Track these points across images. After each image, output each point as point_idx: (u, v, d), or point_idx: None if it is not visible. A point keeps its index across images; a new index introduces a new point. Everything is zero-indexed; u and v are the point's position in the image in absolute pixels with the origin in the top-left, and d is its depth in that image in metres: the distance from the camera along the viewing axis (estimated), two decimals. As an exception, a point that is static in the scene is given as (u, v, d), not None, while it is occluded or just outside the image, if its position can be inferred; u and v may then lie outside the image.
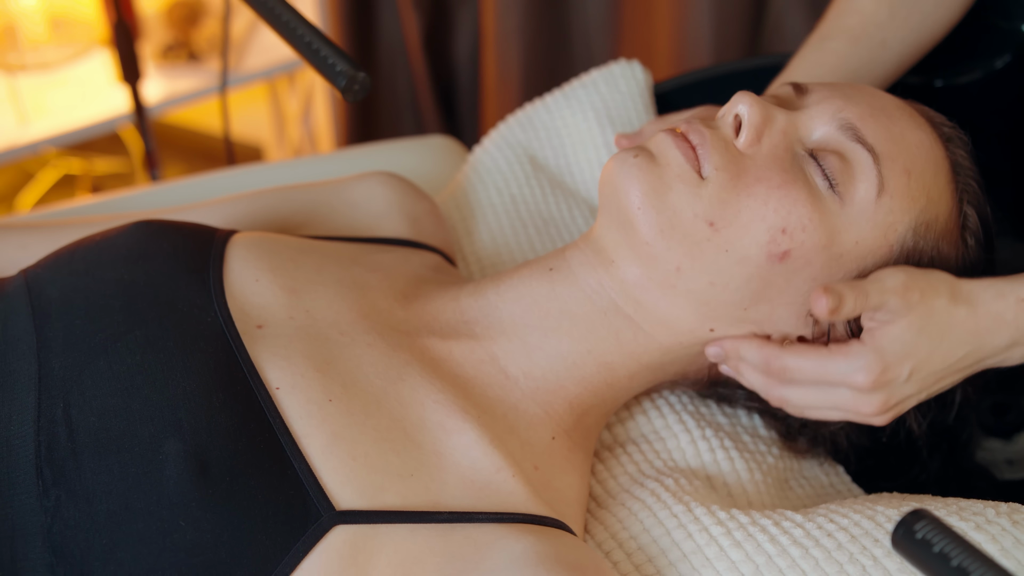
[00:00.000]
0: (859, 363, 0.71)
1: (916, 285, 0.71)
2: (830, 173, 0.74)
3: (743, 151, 0.74)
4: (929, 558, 0.50)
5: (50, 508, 0.63)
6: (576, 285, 0.78)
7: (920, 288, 0.71)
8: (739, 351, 0.76)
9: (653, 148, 0.75)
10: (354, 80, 0.79)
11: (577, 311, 0.78)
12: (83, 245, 0.77)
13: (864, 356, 0.71)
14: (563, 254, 0.80)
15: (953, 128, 0.81)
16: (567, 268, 0.79)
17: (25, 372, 0.68)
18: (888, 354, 0.71)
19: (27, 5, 1.84)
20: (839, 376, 0.72)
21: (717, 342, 0.77)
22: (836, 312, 0.69)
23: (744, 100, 0.74)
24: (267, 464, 0.65)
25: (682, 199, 0.72)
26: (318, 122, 2.12)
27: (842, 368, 0.72)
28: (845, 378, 0.72)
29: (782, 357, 0.74)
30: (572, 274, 0.78)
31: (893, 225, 0.75)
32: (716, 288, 0.74)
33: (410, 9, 1.85)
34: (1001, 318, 0.72)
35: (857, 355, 0.71)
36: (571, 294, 0.78)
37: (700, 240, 0.73)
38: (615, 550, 0.76)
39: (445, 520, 0.67)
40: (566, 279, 0.78)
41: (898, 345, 0.71)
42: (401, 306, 0.80)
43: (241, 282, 0.76)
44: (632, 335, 0.77)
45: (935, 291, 0.72)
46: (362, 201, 0.92)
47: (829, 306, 0.68)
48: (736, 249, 0.72)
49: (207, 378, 0.67)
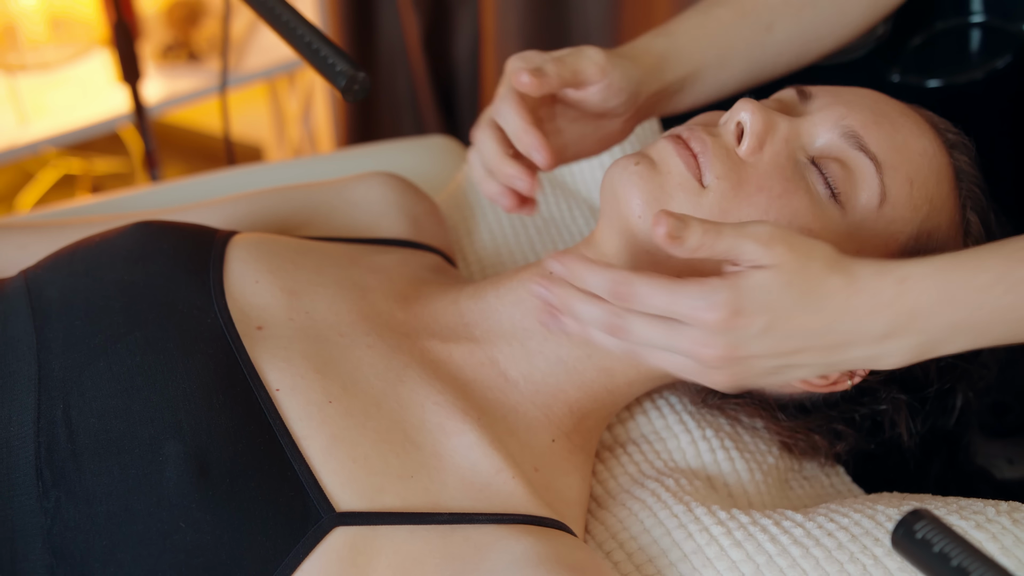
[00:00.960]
0: (712, 297, 0.62)
1: (785, 240, 0.63)
2: (832, 182, 0.73)
3: (744, 159, 0.73)
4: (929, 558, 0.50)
5: (50, 509, 0.63)
6: None
7: (789, 244, 0.63)
8: (580, 273, 0.66)
9: (654, 155, 0.74)
10: (354, 80, 0.79)
11: None
12: (83, 246, 0.77)
13: (719, 291, 0.62)
14: None
15: (957, 134, 0.80)
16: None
17: (25, 373, 0.68)
18: (745, 297, 0.62)
19: (27, 5, 1.84)
20: (688, 308, 0.63)
21: (558, 259, 0.67)
22: (677, 241, 0.62)
23: (746, 108, 0.73)
24: (267, 466, 0.65)
25: (683, 208, 0.72)
26: (318, 122, 2.12)
27: (693, 299, 0.62)
28: (694, 311, 0.63)
29: (631, 281, 0.64)
30: None
31: (895, 234, 0.75)
32: None
33: (410, 9, 1.85)
34: (878, 297, 0.63)
35: (712, 289, 0.62)
36: None
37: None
38: (616, 550, 0.76)
39: (445, 521, 0.67)
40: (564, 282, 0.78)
41: (758, 292, 0.62)
42: (401, 308, 0.80)
43: (241, 283, 0.76)
44: None
45: (809, 253, 0.63)
46: (362, 201, 0.92)
47: (667, 230, 0.61)
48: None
49: (207, 380, 0.67)
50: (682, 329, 0.64)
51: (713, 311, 0.62)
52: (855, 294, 0.63)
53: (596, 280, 0.65)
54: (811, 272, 0.63)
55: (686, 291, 0.63)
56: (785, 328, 0.64)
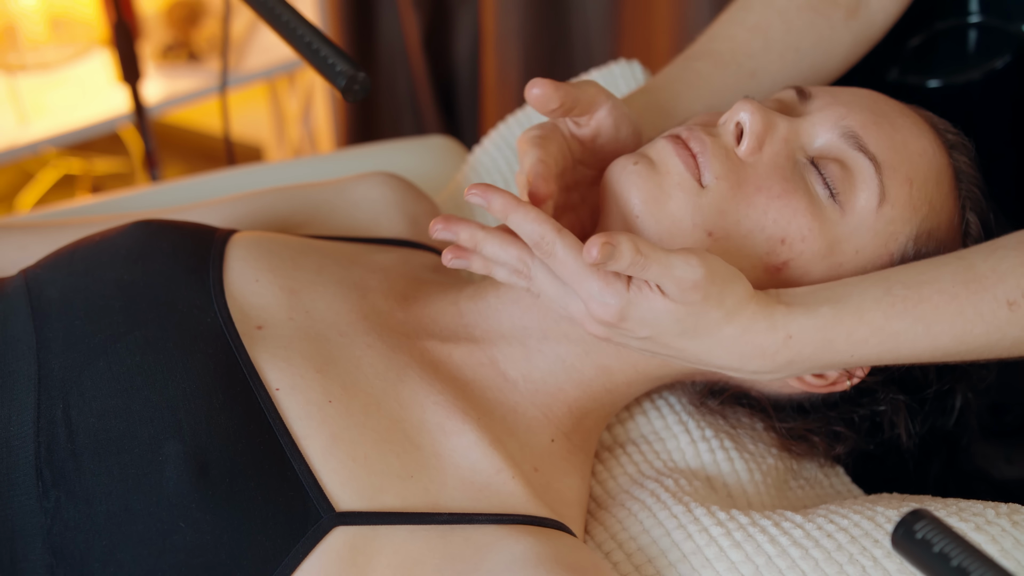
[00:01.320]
0: (608, 299, 0.66)
1: (702, 287, 0.66)
2: (831, 182, 0.73)
3: (744, 159, 0.73)
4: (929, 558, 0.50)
5: (50, 509, 0.63)
6: None
7: (704, 291, 0.66)
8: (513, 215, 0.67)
9: (653, 155, 0.74)
10: (354, 80, 0.79)
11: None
12: (82, 245, 0.77)
13: (616, 298, 0.66)
14: None
15: (957, 134, 0.81)
16: None
17: (25, 373, 0.68)
18: (635, 313, 0.67)
19: (27, 5, 1.84)
20: (584, 293, 0.67)
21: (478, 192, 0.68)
22: (605, 264, 0.64)
23: (746, 107, 0.73)
24: (267, 465, 0.65)
25: (682, 208, 0.72)
26: (318, 122, 2.12)
27: (592, 290, 0.66)
28: (587, 298, 0.67)
29: (555, 243, 0.66)
30: None
31: (894, 235, 0.75)
32: None
33: (410, 9, 1.85)
34: (763, 351, 0.69)
35: (612, 293, 0.66)
36: None
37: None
38: (615, 551, 0.76)
39: (445, 521, 0.67)
40: None
41: (649, 315, 0.67)
42: (401, 308, 0.80)
43: (241, 282, 0.76)
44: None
45: (718, 302, 0.67)
46: (362, 201, 0.92)
47: (598, 258, 0.63)
48: (734, 260, 0.72)
49: (207, 379, 0.67)
50: (575, 302, 0.69)
51: (601, 309, 0.67)
52: (741, 344, 0.69)
53: (527, 226, 0.67)
54: (708, 318, 0.68)
55: (589, 279, 0.67)
56: (663, 343, 0.69)
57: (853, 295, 0.70)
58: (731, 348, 0.69)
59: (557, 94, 0.74)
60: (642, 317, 0.67)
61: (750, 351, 0.69)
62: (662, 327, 0.68)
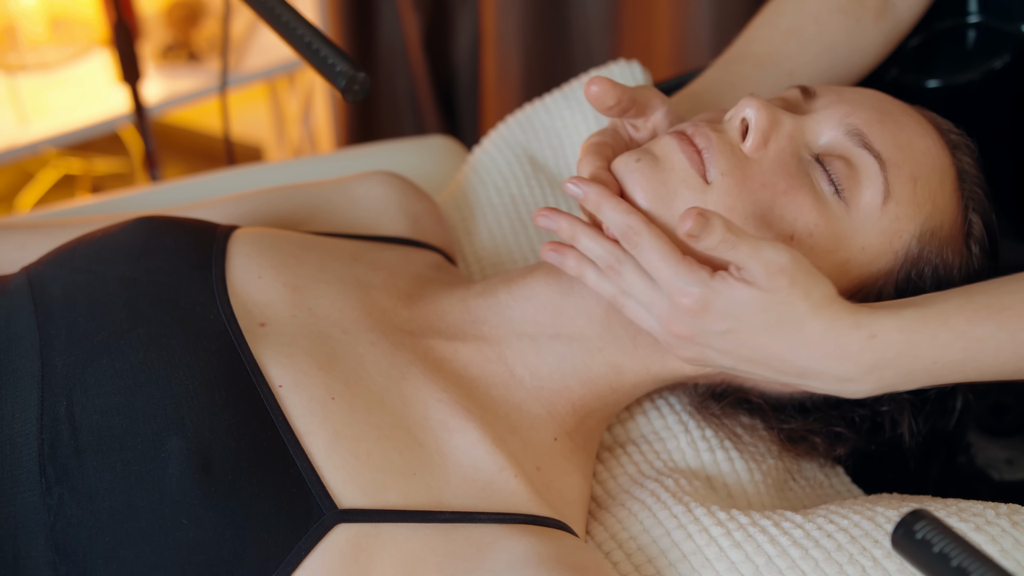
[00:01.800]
0: (691, 287, 0.67)
1: (790, 273, 0.66)
2: (836, 179, 0.73)
3: (749, 155, 0.73)
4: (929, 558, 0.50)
5: (53, 506, 0.63)
6: None
7: (792, 278, 0.66)
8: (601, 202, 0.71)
9: (657, 151, 0.74)
10: (354, 80, 0.79)
11: (596, 309, 0.77)
12: (85, 242, 0.77)
13: (700, 286, 0.67)
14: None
15: (960, 135, 0.81)
16: None
17: (28, 370, 0.68)
18: (719, 302, 0.67)
19: (27, 5, 1.84)
20: (668, 283, 0.68)
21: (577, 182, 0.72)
22: (694, 239, 0.66)
23: (751, 104, 0.73)
24: (269, 462, 0.65)
25: (687, 205, 0.72)
26: (318, 122, 2.12)
27: (677, 280, 0.68)
28: (671, 289, 0.68)
29: (642, 232, 0.69)
30: None
31: (899, 232, 0.75)
32: None
33: (410, 9, 1.85)
34: (847, 348, 0.68)
35: (693, 279, 0.67)
36: (591, 292, 0.77)
37: (707, 248, 0.72)
38: (615, 551, 0.76)
39: (447, 520, 0.67)
40: None
41: (734, 305, 0.67)
42: (405, 305, 0.80)
43: (244, 279, 0.76)
44: (651, 339, 0.77)
45: (805, 292, 0.67)
46: (363, 199, 0.92)
47: (690, 230, 0.65)
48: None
49: (210, 376, 0.67)
50: (660, 297, 0.70)
51: (685, 297, 0.68)
52: (825, 341, 0.68)
53: (615, 216, 0.70)
54: (794, 310, 0.67)
55: (674, 267, 0.68)
56: (745, 340, 0.69)
57: (935, 301, 0.70)
58: (815, 346, 0.68)
59: (614, 91, 0.75)
60: (726, 307, 0.67)
61: (834, 350, 0.68)
62: (746, 318, 0.68)
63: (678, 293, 0.68)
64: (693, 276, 0.68)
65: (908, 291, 0.76)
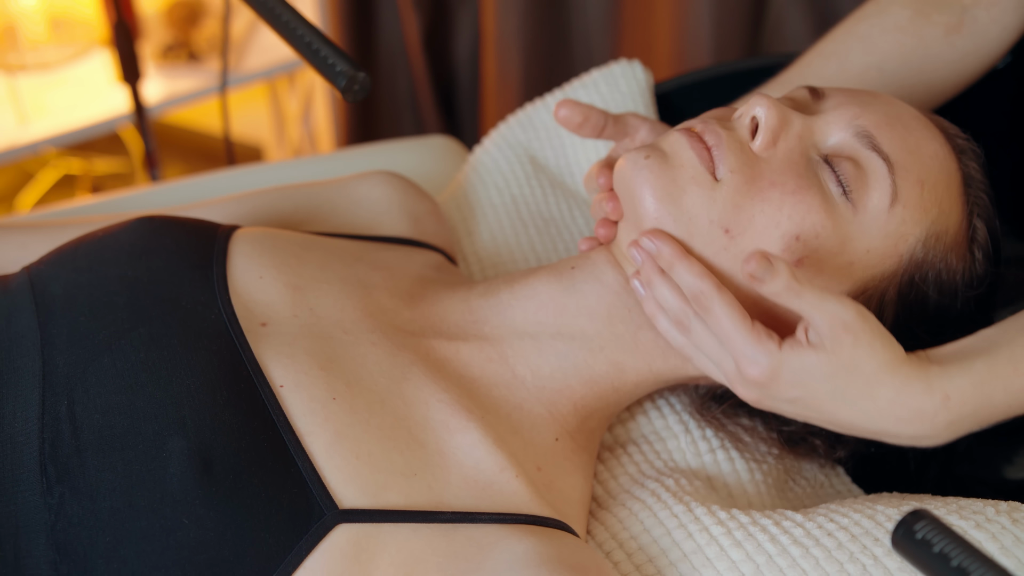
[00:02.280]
0: (759, 358, 0.67)
1: (855, 330, 0.66)
2: (844, 180, 0.73)
3: (758, 154, 0.73)
4: (929, 558, 0.50)
5: (54, 505, 0.63)
6: (600, 281, 0.78)
7: (856, 336, 0.66)
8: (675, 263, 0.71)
9: (666, 147, 0.74)
10: (354, 80, 0.79)
11: (598, 307, 0.78)
12: (86, 241, 0.77)
13: (767, 357, 0.67)
14: (588, 254, 0.81)
15: (967, 140, 0.81)
16: (591, 266, 0.79)
17: (29, 369, 0.68)
18: (786, 371, 0.67)
19: (27, 5, 1.84)
20: (738, 351, 0.68)
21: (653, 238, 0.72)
22: (759, 282, 0.66)
23: (762, 103, 0.73)
24: (270, 462, 0.65)
25: (696, 203, 0.72)
26: (318, 122, 2.12)
27: (746, 350, 0.68)
28: (740, 357, 0.68)
29: (713, 298, 0.69)
30: (597, 271, 0.79)
31: (904, 236, 0.75)
32: None
33: (410, 9, 1.85)
34: (921, 414, 0.67)
35: (763, 352, 0.67)
36: (593, 290, 0.78)
37: (719, 249, 0.73)
38: (616, 550, 0.76)
39: (448, 520, 0.67)
40: (589, 276, 0.79)
41: (801, 374, 0.67)
42: (407, 306, 0.80)
43: (245, 279, 0.76)
44: (653, 336, 0.77)
45: (871, 352, 0.66)
46: (364, 199, 0.92)
47: (754, 271, 0.66)
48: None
49: (211, 376, 0.67)
50: (729, 359, 0.70)
51: (753, 367, 0.68)
52: (897, 406, 0.67)
53: (687, 279, 0.71)
54: (861, 373, 0.66)
55: (744, 336, 0.68)
56: (816, 406, 0.69)
57: (1002, 345, 0.68)
58: (887, 412, 0.67)
59: (579, 109, 0.79)
60: (793, 376, 0.67)
61: (907, 415, 0.67)
62: (813, 385, 0.67)
63: (746, 364, 0.68)
64: (762, 347, 0.68)
65: (911, 295, 0.76)
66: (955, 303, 0.77)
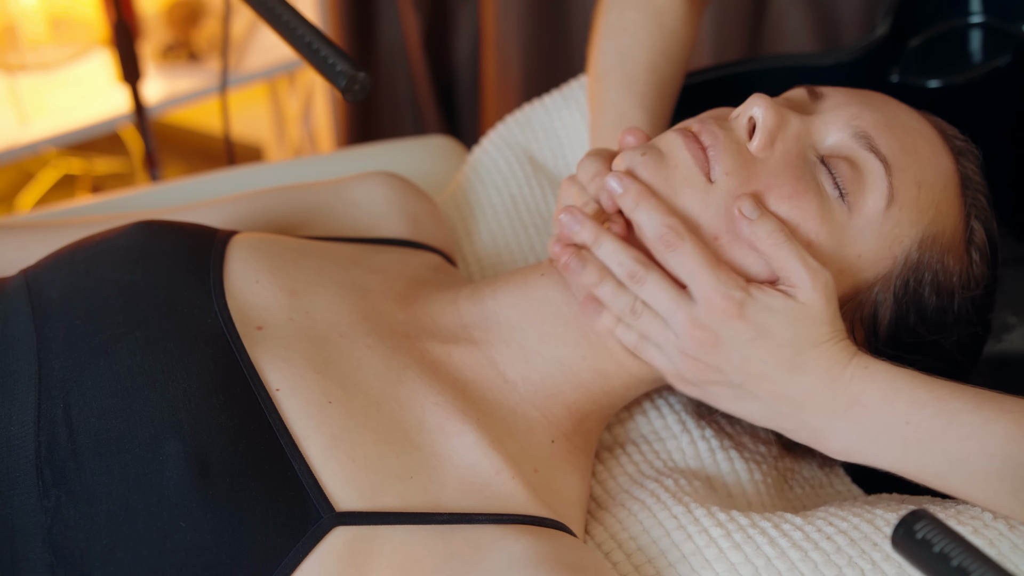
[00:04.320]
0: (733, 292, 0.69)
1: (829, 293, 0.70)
2: (841, 182, 0.73)
3: (755, 155, 0.73)
4: (929, 558, 0.50)
5: (50, 509, 0.63)
6: (568, 289, 0.78)
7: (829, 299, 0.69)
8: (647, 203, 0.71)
9: (662, 147, 0.74)
10: (354, 80, 0.79)
11: (569, 315, 0.77)
12: (83, 245, 0.77)
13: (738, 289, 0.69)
14: None
15: (965, 141, 0.81)
16: (558, 273, 0.79)
17: (25, 372, 0.68)
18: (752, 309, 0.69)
19: (27, 5, 1.84)
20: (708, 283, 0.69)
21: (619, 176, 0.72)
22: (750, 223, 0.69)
23: (759, 103, 0.73)
24: (267, 465, 0.65)
25: (689, 205, 0.72)
26: (318, 122, 2.12)
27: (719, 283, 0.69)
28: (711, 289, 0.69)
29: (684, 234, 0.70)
30: (563, 278, 0.78)
31: (899, 237, 0.75)
32: None
33: (410, 9, 1.85)
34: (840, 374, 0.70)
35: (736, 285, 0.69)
36: (563, 298, 0.78)
37: None
38: (614, 551, 0.76)
39: (444, 521, 0.67)
40: (557, 283, 0.78)
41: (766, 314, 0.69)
42: (401, 308, 0.79)
43: (241, 283, 0.76)
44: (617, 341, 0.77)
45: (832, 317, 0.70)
46: (362, 201, 0.92)
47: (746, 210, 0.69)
48: (738, 264, 0.72)
49: (207, 379, 0.67)
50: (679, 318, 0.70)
51: (724, 300, 0.69)
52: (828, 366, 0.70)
53: (656, 215, 0.71)
54: (819, 332, 0.69)
55: (714, 271, 0.69)
56: (762, 355, 0.70)
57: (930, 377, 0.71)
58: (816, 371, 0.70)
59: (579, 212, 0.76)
60: (757, 315, 0.69)
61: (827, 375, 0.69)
62: (772, 329, 0.69)
63: (717, 297, 0.69)
64: (733, 280, 0.69)
65: (907, 298, 0.76)
66: (952, 305, 0.77)
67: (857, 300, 0.75)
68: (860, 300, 0.75)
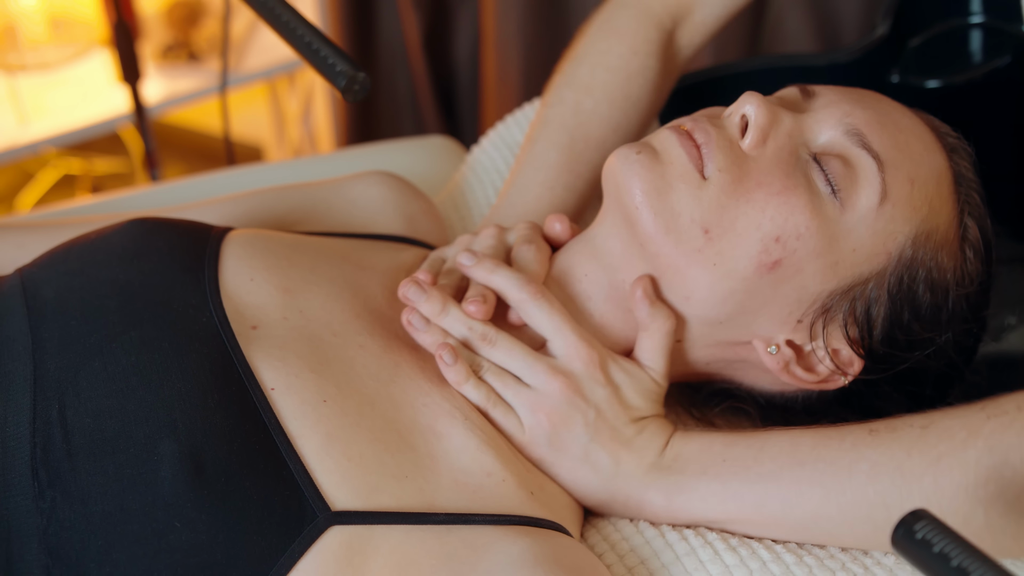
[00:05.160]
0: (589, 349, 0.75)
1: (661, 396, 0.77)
2: (833, 179, 0.73)
3: (747, 152, 0.74)
4: (929, 558, 0.50)
5: (46, 509, 0.63)
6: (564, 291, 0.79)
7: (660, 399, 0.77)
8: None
9: (657, 144, 0.75)
10: (354, 80, 0.79)
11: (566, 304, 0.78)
12: (78, 244, 0.77)
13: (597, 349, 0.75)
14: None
15: (958, 139, 0.81)
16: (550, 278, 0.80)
17: (20, 373, 0.68)
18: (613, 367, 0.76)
19: (27, 5, 1.84)
20: (569, 349, 0.75)
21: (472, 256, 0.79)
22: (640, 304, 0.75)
23: (751, 101, 0.74)
24: (262, 465, 0.65)
25: (682, 201, 0.72)
26: (318, 122, 2.12)
27: (575, 346, 0.75)
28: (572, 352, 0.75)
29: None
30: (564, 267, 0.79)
31: (893, 234, 0.75)
32: (691, 302, 0.75)
33: (410, 9, 1.85)
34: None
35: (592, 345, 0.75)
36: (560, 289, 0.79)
37: (692, 249, 0.73)
38: (607, 552, 0.76)
39: (441, 522, 0.67)
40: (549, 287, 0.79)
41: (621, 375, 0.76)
42: (391, 306, 0.79)
43: (236, 281, 0.75)
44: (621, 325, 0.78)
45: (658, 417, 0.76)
46: (359, 199, 0.92)
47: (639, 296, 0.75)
48: (724, 262, 0.73)
49: (202, 379, 0.67)
50: (534, 380, 0.75)
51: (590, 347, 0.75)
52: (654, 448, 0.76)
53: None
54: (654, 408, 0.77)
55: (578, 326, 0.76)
56: (616, 409, 0.75)
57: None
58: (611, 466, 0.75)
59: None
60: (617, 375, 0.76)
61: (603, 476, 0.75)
62: (627, 392, 0.76)
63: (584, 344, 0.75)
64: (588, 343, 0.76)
65: (901, 295, 0.76)
66: (947, 302, 0.77)
67: (851, 296, 0.75)
68: (854, 296, 0.75)
